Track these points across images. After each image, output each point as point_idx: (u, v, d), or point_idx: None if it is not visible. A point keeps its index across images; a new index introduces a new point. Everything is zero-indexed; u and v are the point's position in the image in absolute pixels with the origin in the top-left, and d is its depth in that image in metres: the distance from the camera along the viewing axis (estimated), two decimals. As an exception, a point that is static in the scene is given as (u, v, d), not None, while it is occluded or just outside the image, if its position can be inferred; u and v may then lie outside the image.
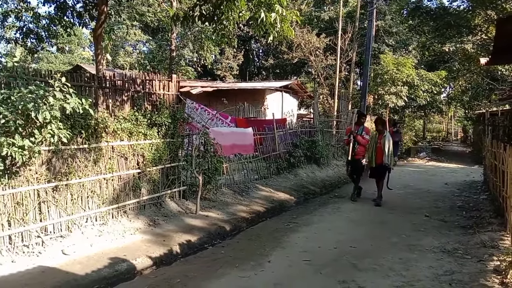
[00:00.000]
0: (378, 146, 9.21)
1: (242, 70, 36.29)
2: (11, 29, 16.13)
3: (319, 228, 7.20)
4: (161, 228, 6.85)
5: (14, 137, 4.69)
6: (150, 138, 7.31)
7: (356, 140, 9.39)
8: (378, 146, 9.21)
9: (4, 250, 5.18)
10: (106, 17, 9.59)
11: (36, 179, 5.54)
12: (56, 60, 37.10)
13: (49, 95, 4.85)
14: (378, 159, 9.22)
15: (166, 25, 24.98)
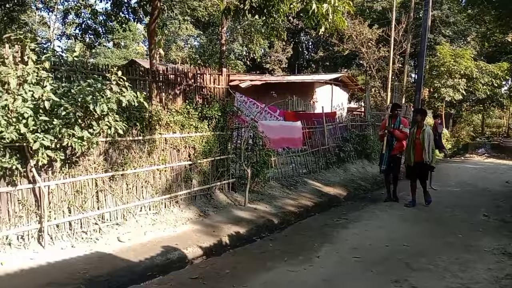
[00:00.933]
0: (417, 142, 8.19)
1: (291, 63, 36.06)
2: (71, 26, 16.96)
3: (370, 225, 7.02)
4: (211, 219, 6.97)
5: (74, 128, 4.93)
6: (201, 131, 7.45)
7: (393, 135, 8.50)
8: (417, 142, 8.19)
9: (65, 235, 5.49)
10: (160, 12, 9.84)
11: (94, 169, 5.82)
12: (112, 55, 38.70)
13: (106, 89, 5.05)
14: (417, 156, 8.20)
15: (216, 20, 25.30)
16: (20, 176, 5.06)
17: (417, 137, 8.18)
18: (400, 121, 8.60)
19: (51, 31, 33.81)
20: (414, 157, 8.28)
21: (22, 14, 17.11)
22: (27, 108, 4.57)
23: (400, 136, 8.47)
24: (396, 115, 8.67)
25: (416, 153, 8.22)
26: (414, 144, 8.26)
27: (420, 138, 8.11)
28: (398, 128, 8.49)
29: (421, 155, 8.12)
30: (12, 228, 5.01)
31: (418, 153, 8.17)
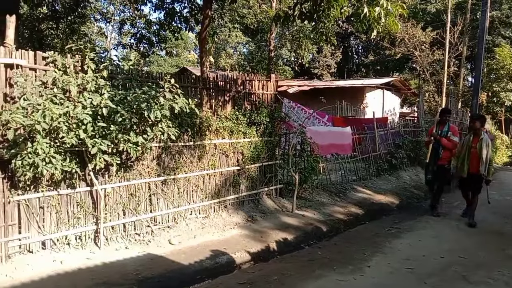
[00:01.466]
0: (473, 152, 7.27)
1: (341, 68, 35.55)
2: (127, 35, 17.74)
3: (424, 235, 6.73)
4: (258, 224, 6.99)
5: (129, 134, 5.13)
6: (249, 137, 7.50)
7: (440, 143, 7.72)
8: (473, 152, 7.27)
9: (119, 237, 5.72)
10: (210, 20, 10.05)
11: (147, 173, 6.02)
12: (165, 63, 40.04)
13: (160, 96, 5.22)
14: (472, 167, 7.28)
15: (265, 26, 25.48)
16: (79, 179, 5.33)
17: (473, 145, 7.27)
18: (449, 128, 7.85)
19: (108, 41, 35.58)
20: (468, 167, 7.35)
21: (82, 25, 18.12)
22: (86, 115, 4.81)
23: (448, 145, 7.70)
24: (444, 121, 7.92)
25: (471, 163, 7.31)
26: (469, 154, 7.33)
27: (477, 147, 7.20)
28: (446, 136, 7.74)
29: (476, 167, 7.21)
30: (71, 228, 5.28)
31: (474, 164, 7.26)
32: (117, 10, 24.22)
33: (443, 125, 7.89)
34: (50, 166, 4.64)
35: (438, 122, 8.06)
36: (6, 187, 4.72)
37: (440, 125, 7.95)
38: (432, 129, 8.14)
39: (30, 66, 4.90)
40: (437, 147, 7.79)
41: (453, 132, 7.82)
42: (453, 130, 7.89)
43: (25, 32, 15.10)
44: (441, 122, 7.97)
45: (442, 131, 7.80)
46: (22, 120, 4.36)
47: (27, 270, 4.64)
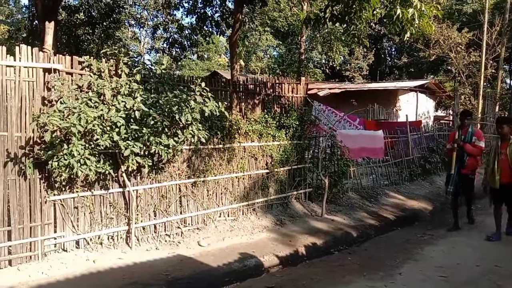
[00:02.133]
0: (503, 159, 6.39)
1: (373, 70, 34.98)
2: (159, 40, 18.11)
3: (458, 243, 6.50)
4: (287, 228, 6.95)
5: (161, 136, 5.23)
6: (278, 140, 7.49)
7: (464, 150, 6.86)
8: (503, 159, 6.39)
9: (150, 237, 5.83)
10: (241, 24, 10.12)
11: (178, 175, 6.12)
12: (196, 67, 40.57)
13: (191, 99, 5.29)
14: (505, 176, 6.39)
15: (296, 29, 25.43)
16: (112, 181, 5.48)
17: (503, 151, 6.41)
18: (473, 132, 6.98)
19: (141, 45, 36.42)
20: (500, 177, 6.42)
21: (117, 30, 18.60)
22: (120, 118, 4.94)
23: (474, 151, 6.86)
24: (466, 125, 7.06)
25: (503, 172, 6.39)
26: (499, 161, 6.43)
27: (507, 153, 6.34)
28: (470, 141, 6.90)
29: (509, 175, 6.36)
30: (104, 228, 5.42)
31: (506, 172, 6.37)
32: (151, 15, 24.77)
33: (466, 129, 7.01)
34: (84, 167, 4.79)
35: (460, 126, 7.20)
36: (43, 187, 4.90)
37: (462, 130, 7.04)
38: (453, 135, 7.24)
39: (67, 71, 5.08)
40: (461, 154, 6.90)
41: (478, 136, 6.97)
42: (478, 134, 7.05)
43: (63, 37, 15.64)
44: (463, 126, 7.09)
45: (465, 136, 6.93)
46: (58, 122, 4.52)
47: (62, 268, 4.79)
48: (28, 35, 15.53)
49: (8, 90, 4.63)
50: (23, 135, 4.75)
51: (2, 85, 4.60)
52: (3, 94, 4.60)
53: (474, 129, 7.08)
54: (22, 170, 4.72)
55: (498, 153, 6.44)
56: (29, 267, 4.70)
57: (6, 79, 4.62)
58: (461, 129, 7.03)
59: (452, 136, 7.28)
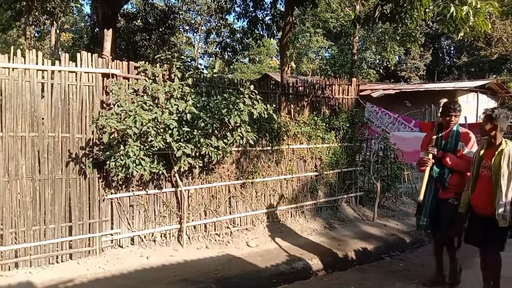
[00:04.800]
0: (483, 174, 4.00)
1: (430, 70, 33.60)
2: (212, 44, 18.55)
3: None
4: (337, 232, 6.86)
5: (211, 138, 5.36)
6: (328, 142, 7.41)
7: (442, 163, 4.48)
8: (483, 174, 4.00)
9: (201, 236, 5.98)
10: (291, 26, 10.14)
11: (227, 176, 6.24)
12: (248, 70, 41.03)
13: (240, 102, 5.38)
14: (482, 200, 3.97)
15: (348, 29, 25.03)
16: (165, 181, 5.69)
17: (486, 164, 3.95)
18: (459, 134, 4.48)
19: (195, 50, 37.42)
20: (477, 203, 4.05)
21: (172, 36, 19.29)
22: (173, 120, 5.12)
23: (459, 165, 4.40)
24: (450, 123, 4.47)
25: (481, 195, 3.96)
26: (477, 178, 4.04)
27: (491, 166, 3.89)
28: (454, 149, 4.46)
29: (489, 201, 3.85)
30: (157, 226, 5.64)
31: (484, 196, 3.91)
32: (204, 20, 25.43)
33: (447, 130, 4.53)
34: (139, 168, 5.01)
35: (439, 126, 4.63)
36: (101, 186, 5.19)
37: (443, 131, 4.56)
38: (428, 139, 4.68)
39: (124, 75, 5.35)
40: (440, 169, 4.48)
41: (466, 141, 4.44)
42: (466, 137, 4.46)
43: (122, 43, 16.47)
44: (445, 126, 4.55)
45: (447, 142, 4.50)
46: (116, 125, 4.77)
47: (117, 263, 5.04)
48: (89, 42, 16.52)
49: (70, 94, 4.96)
50: (83, 137, 5.06)
51: (65, 90, 4.93)
52: (65, 98, 4.93)
53: (461, 129, 4.52)
54: (82, 169, 5.03)
55: (478, 165, 4.04)
56: (88, 261, 4.99)
57: (68, 84, 4.95)
58: (441, 130, 4.59)
59: (427, 140, 4.69)
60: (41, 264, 4.77)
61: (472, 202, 4.10)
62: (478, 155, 4.07)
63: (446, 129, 4.55)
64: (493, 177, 3.85)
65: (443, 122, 4.55)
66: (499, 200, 3.75)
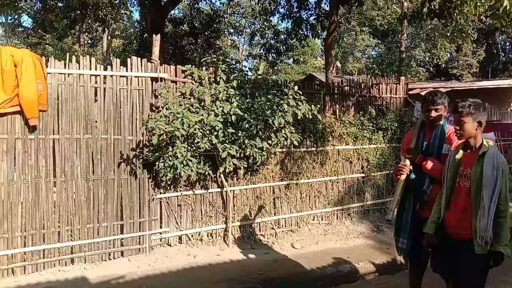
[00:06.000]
0: (460, 186, 3.09)
1: (484, 67, 31.95)
2: (256, 46, 18.68)
3: None
4: (385, 235, 6.68)
5: (255, 139, 5.40)
6: (375, 143, 7.24)
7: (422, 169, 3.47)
8: (460, 186, 3.09)
9: (246, 237, 6.03)
10: (336, 26, 10.00)
11: (271, 177, 6.25)
12: (292, 71, 40.88)
13: (284, 103, 5.38)
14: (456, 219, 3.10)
15: (396, 27, 24.36)
16: (211, 181, 5.79)
17: (465, 172, 3.09)
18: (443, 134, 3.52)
19: (240, 52, 37.81)
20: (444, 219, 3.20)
21: (217, 39, 19.63)
22: (218, 122, 5.20)
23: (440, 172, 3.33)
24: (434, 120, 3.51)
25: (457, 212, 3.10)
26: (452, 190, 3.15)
27: (470, 175, 3.04)
28: (436, 152, 3.50)
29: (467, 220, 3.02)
30: (204, 226, 5.75)
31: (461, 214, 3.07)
32: (248, 22, 25.65)
33: (431, 128, 3.58)
34: (187, 168, 5.13)
35: (422, 124, 3.68)
36: (150, 186, 5.37)
37: (426, 130, 3.64)
38: (408, 139, 3.77)
39: (172, 79, 5.51)
40: (418, 178, 3.50)
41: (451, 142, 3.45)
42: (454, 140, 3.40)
43: (169, 48, 16.95)
44: (427, 123, 3.60)
45: (429, 144, 3.55)
46: (164, 127, 4.91)
47: (166, 261, 5.19)
48: (138, 47, 17.13)
49: (121, 98, 5.18)
50: (134, 139, 5.26)
51: (117, 94, 5.15)
52: (117, 102, 5.15)
53: (448, 128, 3.53)
54: (133, 170, 5.23)
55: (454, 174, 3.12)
56: (138, 259, 5.17)
57: (120, 88, 5.16)
58: (422, 129, 3.66)
59: (407, 140, 3.79)
60: (95, 260, 5.01)
61: (445, 222, 3.15)
62: (453, 159, 3.13)
63: (429, 127, 3.62)
64: (473, 189, 2.96)
65: (428, 118, 3.53)
66: (480, 218, 2.84)
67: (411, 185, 3.53)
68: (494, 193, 2.88)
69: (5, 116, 4.51)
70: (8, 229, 4.55)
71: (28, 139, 4.65)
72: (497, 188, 2.88)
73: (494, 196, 2.87)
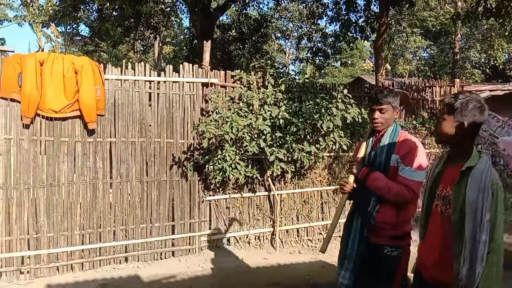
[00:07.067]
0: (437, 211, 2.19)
1: (547, 67, 29.94)
2: (303, 50, 18.62)
3: None
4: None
5: (303, 143, 5.39)
6: (428, 148, 6.99)
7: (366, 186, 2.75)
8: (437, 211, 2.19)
9: (293, 241, 6.02)
10: (387, 27, 9.78)
11: (319, 182, 6.21)
12: (339, 74, 40.29)
13: (332, 106, 5.34)
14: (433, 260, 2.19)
15: (449, 28, 23.42)
16: (258, 184, 5.85)
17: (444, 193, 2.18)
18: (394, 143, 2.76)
19: (286, 56, 37.83)
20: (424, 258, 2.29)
21: (264, 44, 19.78)
22: (266, 126, 5.25)
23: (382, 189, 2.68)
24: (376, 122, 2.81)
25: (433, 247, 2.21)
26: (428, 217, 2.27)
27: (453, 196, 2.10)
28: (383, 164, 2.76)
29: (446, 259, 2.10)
30: (251, 229, 5.81)
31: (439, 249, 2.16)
32: (295, 26, 25.63)
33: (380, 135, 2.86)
34: (235, 172, 5.21)
35: (372, 130, 2.92)
36: (200, 188, 5.51)
37: (375, 137, 2.91)
38: (358, 148, 3.02)
39: (221, 84, 5.63)
40: (363, 198, 2.80)
41: (404, 152, 2.72)
42: (405, 147, 2.73)
43: (217, 53, 17.30)
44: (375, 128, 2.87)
45: (376, 154, 2.82)
46: (214, 130, 5.03)
47: (215, 262, 5.29)
48: (188, 53, 17.59)
49: (174, 103, 5.36)
50: (185, 142, 5.42)
51: (169, 99, 5.34)
52: (169, 106, 5.34)
53: (400, 134, 2.82)
54: (184, 172, 5.39)
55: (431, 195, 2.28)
56: (188, 259, 5.31)
57: (172, 93, 5.35)
58: (372, 136, 2.92)
59: (356, 150, 3.07)
60: (147, 259, 5.20)
61: (419, 259, 2.35)
62: (432, 173, 2.32)
63: (378, 133, 2.87)
64: (455, 218, 2.07)
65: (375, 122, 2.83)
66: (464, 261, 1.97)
67: (356, 205, 2.93)
68: (481, 226, 1.96)
69: (66, 120, 4.80)
70: (67, 227, 4.83)
71: (87, 142, 4.92)
72: (484, 219, 1.96)
73: (481, 232, 1.96)
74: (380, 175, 2.71)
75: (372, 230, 2.77)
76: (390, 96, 2.79)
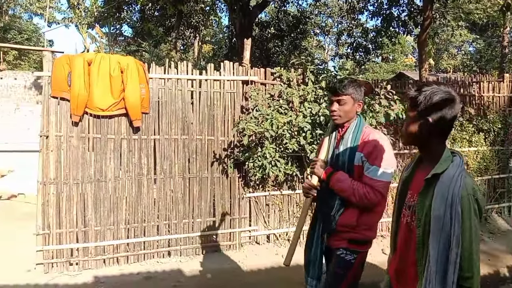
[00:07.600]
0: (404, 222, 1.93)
1: None
2: (343, 46, 18.34)
3: None
4: (486, 245, 6.16)
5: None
6: (476, 145, 6.72)
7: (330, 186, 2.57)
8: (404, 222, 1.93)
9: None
10: (431, 21, 9.47)
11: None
12: (380, 69, 39.37)
13: (375, 103, 5.23)
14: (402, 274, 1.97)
15: (497, 20, 22.33)
16: (298, 182, 5.82)
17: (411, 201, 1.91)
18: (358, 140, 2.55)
19: (325, 52, 37.40)
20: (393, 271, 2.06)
21: (303, 41, 19.65)
22: (306, 123, 5.22)
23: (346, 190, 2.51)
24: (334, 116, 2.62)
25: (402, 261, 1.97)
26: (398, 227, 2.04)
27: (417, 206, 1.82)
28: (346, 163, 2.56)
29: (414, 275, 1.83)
30: (291, 226, 5.80)
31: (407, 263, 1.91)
32: (335, 22, 25.27)
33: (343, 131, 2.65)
34: (275, 169, 5.22)
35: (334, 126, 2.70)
36: (240, 185, 5.56)
37: (337, 133, 2.68)
38: (321, 145, 2.79)
39: (261, 82, 5.65)
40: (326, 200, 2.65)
41: (369, 150, 2.50)
42: (369, 144, 2.51)
43: (256, 51, 17.35)
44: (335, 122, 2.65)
45: (339, 152, 2.62)
46: (254, 128, 5.06)
47: (255, 259, 5.33)
48: (228, 51, 17.76)
49: (214, 101, 5.44)
50: (226, 139, 5.48)
51: (211, 97, 5.42)
52: (211, 104, 5.42)
53: (365, 130, 2.59)
54: (225, 169, 5.45)
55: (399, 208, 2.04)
56: (228, 255, 5.38)
57: (213, 91, 5.42)
58: (335, 133, 2.71)
59: (319, 148, 2.88)
60: (189, 254, 5.31)
61: (389, 273, 2.10)
62: (401, 179, 2.05)
63: (341, 129, 2.66)
64: (419, 233, 1.79)
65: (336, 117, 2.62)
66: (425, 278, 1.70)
67: (319, 208, 2.74)
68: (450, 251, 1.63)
69: (112, 118, 4.98)
70: (114, 221, 5.01)
71: (132, 139, 5.08)
72: (453, 242, 1.62)
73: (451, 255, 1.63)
74: (344, 176, 2.52)
75: (332, 234, 2.63)
76: (351, 87, 2.56)
